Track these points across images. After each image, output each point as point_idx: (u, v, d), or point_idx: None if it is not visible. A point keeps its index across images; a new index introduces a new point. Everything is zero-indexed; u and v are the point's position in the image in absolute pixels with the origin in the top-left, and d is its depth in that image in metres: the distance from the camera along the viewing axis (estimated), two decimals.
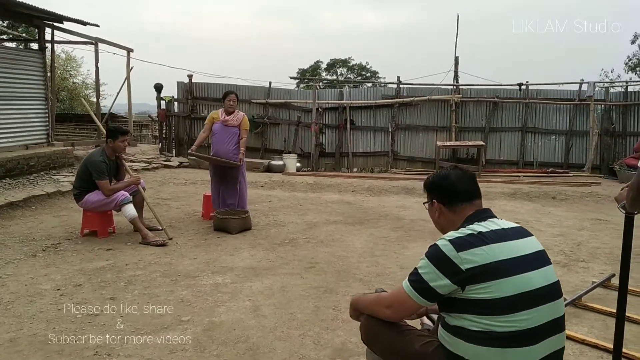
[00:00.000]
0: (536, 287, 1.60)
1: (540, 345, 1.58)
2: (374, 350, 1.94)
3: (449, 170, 1.92)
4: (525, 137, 12.77)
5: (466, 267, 1.57)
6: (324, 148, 13.59)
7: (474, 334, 1.57)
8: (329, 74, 36.25)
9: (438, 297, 1.63)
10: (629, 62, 20.77)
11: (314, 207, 7.34)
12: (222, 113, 5.91)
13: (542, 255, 1.69)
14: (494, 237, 1.65)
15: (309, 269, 4.28)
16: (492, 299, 1.55)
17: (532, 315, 1.56)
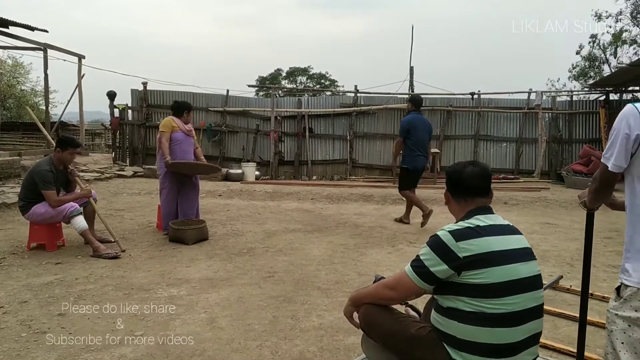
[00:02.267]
0: (523, 277, 1.81)
1: (523, 327, 1.80)
2: (372, 336, 2.11)
3: (466, 165, 2.06)
4: (478, 145, 13.20)
5: (463, 255, 1.78)
6: (283, 156, 13.57)
7: (466, 314, 1.77)
8: (288, 82, 36.29)
9: (437, 281, 1.83)
10: (572, 71, 21.81)
11: (273, 216, 7.30)
12: (180, 122, 5.81)
13: (528, 251, 1.92)
14: (490, 231, 1.86)
15: (267, 278, 4.24)
16: (485, 284, 1.76)
17: (518, 300, 1.78)
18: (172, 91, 13.88)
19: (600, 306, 3.66)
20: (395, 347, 2.01)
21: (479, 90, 13.18)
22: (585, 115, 13.20)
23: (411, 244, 5.70)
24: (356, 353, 2.85)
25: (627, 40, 19.39)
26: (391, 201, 8.96)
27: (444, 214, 7.84)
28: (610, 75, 14.04)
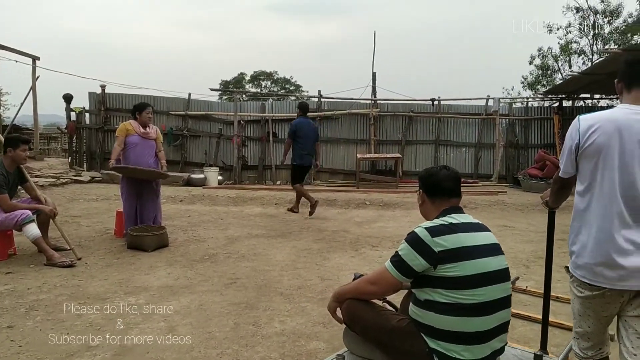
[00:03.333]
0: (492, 270, 1.97)
1: (494, 316, 1.96)
2: (355, 329, 2.23)
3: (440, 169, 2.24)
4: (438, 150, 13.48)
5: (438, 249, 1.92)
6: (247, 161, 13.47)
7: (442, 305, 1.92)
8: (253, 86, 36.08)
9: (414, 274, 1.97)
10: (525, 80, 22.61)
11: (236, 221, 7.23)
12: (137, 125, 5.66)
13: (497, 246, 2.08)
14: (462, 228, 2.01)
15: (229, 285, 4.19)
16: (458, 277, 1.90)
17: (489, 291, 1.93)
18: (131, 94, 13.55)
19: (554, 306, 3.77)
20: (377, 338, 2.13)
21: (439, 97, 13.48)
22: (540, 121, 13.70)
23: (374, 247, 5.76)
24: (318, 358, 2.85)
25: (576, 51, 20.30)
26: (355, 205, 9.03)
27: (406, 217, 7.98)
28: (563, 83, 14.61)
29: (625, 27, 18.60)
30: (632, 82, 1.99)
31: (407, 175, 13.24)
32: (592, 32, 19.95)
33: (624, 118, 1.89)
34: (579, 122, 1.97)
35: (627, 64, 2.06)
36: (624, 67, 2.07)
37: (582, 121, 1.97)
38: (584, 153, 1.94)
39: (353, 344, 2.28)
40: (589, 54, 19.88)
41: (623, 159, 1.87)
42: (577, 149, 1.96)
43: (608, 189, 1.89)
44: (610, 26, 19.92)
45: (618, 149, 1.86)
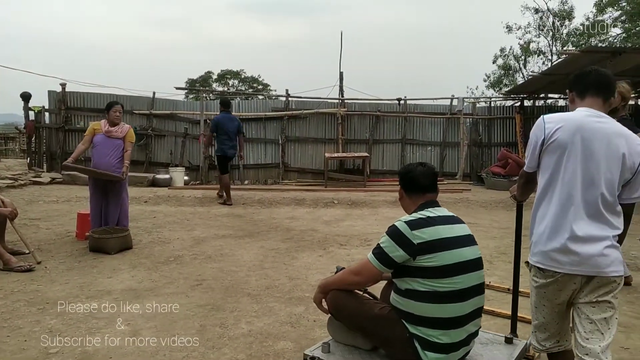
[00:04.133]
0: (468, 259, 2.14)
1: (470, 302, 2.12)
2: (340, 318, 2.37)
3: (417, 166, 2.38)
4: (405, 148, 13.64)
5: (417, 241, 2.07)
6: (214, 160, 13.28)
7: (421, 293, 2.07)
8: (220, 85, 35.64)
9: (395, 265, 2.12)
10: (487, 80, 23.16)
11: (203, 222, 7.13)
12: (104, 124, 5.53)
13: (471, 237, 2.25)
14: (439, 220, 2.17)
15: (195, 286, 4.13)
16: (436, 266, 2.06)
17: (465, 279, 2.10)
18: (93, 93, 13.17)
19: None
20: (361, 326, 2.29)
21: (405, 96, 13.64)
22: (502, 120, 14.04)
23: (342, 246, 5.79)
24: (285, 358, 2.85)
25: (535, 51, 20.94)
26: (323, 204, 9.05)
27: (373, 216, 8.05)
28: (524, 83, 15.05)
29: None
30: (585, 91, 2.19)
31: (375, 174, 13.36)
32: (550, 33, 20.61)
33: (584, 120, 2.08)
34: (544, 121, 2.13)
35: (578, 76, 2.26)
36: (575, 79, 2.27)
37: (546, 120, 2.13)
38: (548, 149, 2.10)
39: (337, 333, 2.42)
40: (548, 54, 20.53)
41: (583, 156, 2.03)
42: (542, 144, 2.11)
43: (568, 182, 2.04)
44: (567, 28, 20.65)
45: (579, 147, 2.03)
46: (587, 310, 2.04)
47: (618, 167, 2.02)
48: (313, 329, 3.26)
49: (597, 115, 2.09)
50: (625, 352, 3.02)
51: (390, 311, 2.21)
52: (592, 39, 19.34)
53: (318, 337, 3.12)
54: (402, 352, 2.15)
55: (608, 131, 2.05)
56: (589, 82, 2.19)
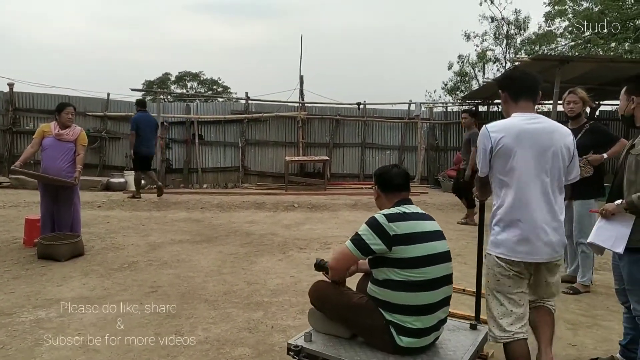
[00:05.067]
0: (438, 252, 2.36)
1: (439, 291, 2.34)
2: (321, 308, 2.56)
3: (392, 167, 2.61)
4: (364, 152, 13.79)
5: (392, 233, 2.27)
6: (171, 164, 13.03)
7: (397, 283, 2.27)
8: (178, 87, 34.93)
9: (370, 252, 2.30)
10: (445, 86, 23.74)
11: (159, 227, 6.96)
12: (55, 126, 5.30)
13: (441, 233, 2.48)
14: (413, 216, 2.38)
15: (150, 293, 4.02)
16: (410, 258, 2.27)
17: (435, 270, 2.32)
18: (44, 94, 12.66)
19: (471, 300, 3.97)
20: (341, 315, 2.46)
21: (364, 101, 13.81)
22: (458, 125, 14.38)
23: (301, 250, 5.77)
24: None
25: (491, 58, 21.63)
26: (283, 208, 9.01)
27: (334, 219, 8.07)
28: (478, 89, 15.49)
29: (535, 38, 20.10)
30: (519, 96, 2.46)
31: (335, 178, 13.44)
32: (505, 41, 21.35)
33: (523, 125, 2.37)
34: (488, 130, 2.40)
35: (510, 79, 2.55)
36: (508, 82, 2.54)
37: (490, 129, 2.40)
38: (497, 154, 2.36)
39: (318, 323, 2.59)
40: (502, 61, 21.23)
41: (530, 156, 2.33)
42: (490, 152, 2.38)
43: (520, 181, 2.33)
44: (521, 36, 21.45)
45: (525, 148, 2.32)
46: (538, 290, 2.47)
47: (559, 158, 2.37)
48: (271, 334, 3.23)
49: (532, 118, 2.40)
50: (572, 349, 3.14)
51: (367, 301, 2.39)
52: (543, 47, 20.16)
53: (277, 342, 3.10)
54: (380, 338, 2.34)
55: (546, 130, 2.38)
56: (522, 87, 2.47)
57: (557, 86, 9.23)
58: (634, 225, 2.45)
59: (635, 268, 2.51)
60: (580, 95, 4.25)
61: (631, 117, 2.65)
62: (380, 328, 2.32)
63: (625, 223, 2.49)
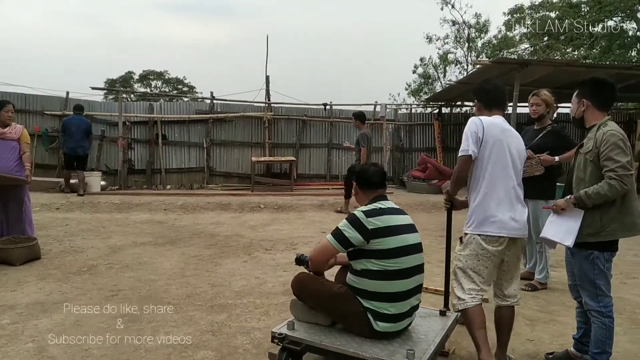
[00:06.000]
0: (411, 243, 2.57)
1: (412, 279, 2.56)
2: (303, 298, 2.74)
3: (370, 166, 2.83)
4: (331, 153, 13.84)
5: (370, 227, 2.47)
6: (134, 164, 12.71)
7: (374, 272, 2.48)
8: (142, 86, 34.19)
9: (350, 245, 2.50)
10: (409, 88, 24.11)
11: (120, 229, 6.79)
12: None
13: (413, 226, 2.69)
14: (388, 211, 2.59)
15: (110, 297, 3.92)
16: (387, 249, 2.47)
17: (409, 260, 2.53)
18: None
19: (434, 298, 4.05)
20: (322, 304, 2.64)
21: (330, 102, 13.84)
22: (422, 126, 14.66)
23: (267, 251, 5.75)
24: None
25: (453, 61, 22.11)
26: (249, 209, 8.95)
27: (300, 220, 8.07)
28: (442, 91, 15.83)
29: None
30: (491, 106, 2.86)
31: (302, 178, 13.42)
32: (466, 45, 21.85)
33: (503, 124, 2.77)
34: (481, 121, 2.72)
35: (484, 91, 2.93)
36: (482, 92, 2.93)
37: (483, 120, 2.73)
38: (485, 142, 2.68)
39: (299, 312, 2.77)
40: (464, 64, 21.74)
41: (510, 150, 2.71)
42: (482, 137, 2.68)
43: (505, 169, 2.69)
44: (482, 40, 22.00)
45: (505, 143, 2.70)
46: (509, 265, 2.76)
47: (523, 158, 2.84)
48: (235, 337, 3.20)
49: (505, 122, 2.80)
50: (530, 344, 3.24)
51: (346, 290, 2.59)
52: (503, 50, 20.74)
53: (240, 345, 3.08)
54: (358, 324, 2.53)
55: (515, 133, 2.85)
56: (494, 99, 2.88)
57: (516, 89, 9.53)
58: (584, 220, 2.61)
59: (585, 264, 2.65)
60: (542, 97, 4.38)
61: (582, 119, 2.81)
62: (358, 314, 2.51)
63: (574, 218, 2.65)
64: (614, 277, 4.40)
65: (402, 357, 2.32)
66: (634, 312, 3.89)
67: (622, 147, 2.53)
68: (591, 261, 2.63)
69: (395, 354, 2.37)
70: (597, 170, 2.59)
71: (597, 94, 2.75)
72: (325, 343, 2.49)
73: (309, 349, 2.56)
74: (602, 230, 2.58)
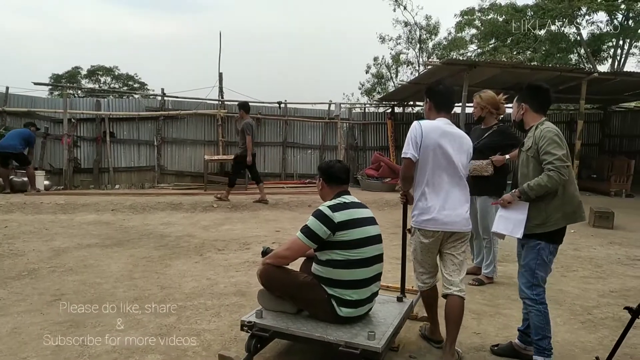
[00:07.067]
0: (372, 235, 2.81)
1: (373, 268, 2.79)
2: (271, 288, 2.89)
3: (335, 162, 3.02)
4: (286, 151, 13.80)
5: (337, 220, 2.68)
6: (80, 163, 12.21)
7: (338, 262, 2.69)
8: (90, 81, 32.84)
9: (319, 240, 2.69)
10: (362, 87, 24.36)
11: (64, 231, 6.50)
12: None
13: (374, 219, 2.91)
14: (352, 205, 2.81)
15: (52, 302, 3.74)
16: (350, 240, 2.69)
17: (370, 250, 2.76)
18: None
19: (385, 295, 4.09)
20: (288, 292, 2.83)
21: (285, 100, 13.81)
22: (375, 125, 14.87)
23: (220, 251, 5.66)
24: None
25: (405, 61, 22.52)
26: (202, 208, 8.78)
27: (254, 219, 7.99)
28: (394, 91, 16.07)
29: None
30: (440, 108, 3.03)
31: None
32: (418, 45, 22.31)
33: (445, 127, 2.94)
34: (420, 125, 2.90)
35: (435, 92, 3.06)
36: (433, 93, 3.06)
37: (422, 125, 2.90)
38: (423, 145, 2.86)
39: (267, 302, 2.92)
40: (416, 65, 22.18)
41: (448, 151, 2.87)
42: (420, 141, 2.86)
43: (441, 170, 2.87)
44: (433, 41, 22.52)
45: (443, 145, 2.87)
46: (450, 256, 2.93)
47: (465, 157, 2.98)
48: (184, 339, 3.13)
49: (450, 124, 3.00)
50: (476, 337, 3.34)
51: (312, 279, 2.78)
52: (453, 52, 21.32)
53: (189, 348, 3.01)
54: (323, 310, 2.73)
55: (459, 134, 3.01)
56: (445, 101, 3.06)
57: (465, 89, 9.82)
58: (531, 212, 2.81)
59: (531, 254, 2.84)
60: (475, 100, 4.56)
61: (521, 122, 3.03)
62: (323, 301, 2.71)
63: (520, 210, 2.85)
64: (556, 270, 4.64)
65: (364, 338, 2.55)
66: (573, 304, 4.09)
67: (557, 141, 2.74)
68: (537, 251, 2.81)
69: (357, 336, 2.59)
70: (538, 165, 2.79)
71: (534, 97, 2.97)
72: (292, 329, 2.68)
73: (276, 335, 2.75)
74: (547, 220, 2.77)
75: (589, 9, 17.96)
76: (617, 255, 5.95)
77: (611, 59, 19.36)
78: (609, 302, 4.13)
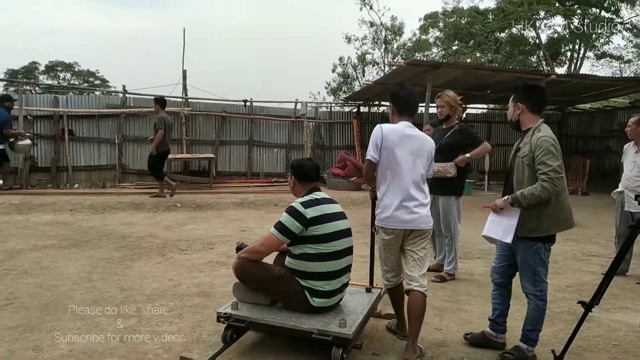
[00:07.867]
0: (342, 229, 2.98)
1: (343, 260, 2.96)
2: (246, 281, 3.01)
3: (306, 161, 3.20)
4: (251, 150, 13.68)
5: (309, 216, 2.83)
6: (36, 162, 11.75)
7: (310, 255, 2.84)
8: (48, 77, 31.69)
9: (293, 235, 2.84)
10: (329, 87, 24.42)
11: (19, 232, 6.25)
12: None
13: (344, 214, 3.08)
14: (322, 201, 2.96)
15: (4, 307, 3.59)
16: (322, 234, 2.85)
17: (340, 243, 2.93)
18: None
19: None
20: (263, 285, 2.96)
21: (251, 98, 13.68)
22: (342, 124, 14.93)
23: (182, 251, 5.56)
24: None
25: (370, 61, 22.72)
26: (164, 208, 8.61)
27: (219, 218, 7.89)
28: (360, 90, 16.20)
29: None
30: (402, 112, 3.13)
31: (222, 176, 13.12)
32: (383, 46, 22.54)
33: (405, 130, 3.05)
34: (381, 129, 3.01)
35: (399, 97, 3.15)
36: (398, 98, 3.15)
37: (383, 128, 3.02)
38: (384, 147, 2.96)
39: (242, 294, 3.04)
40: (381, 65, 22.40)
41: (407, 153, 2.98)
42: (381, 143, 2.96)
43: (400, 171, 2.96)
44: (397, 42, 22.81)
45: (404, 147, 2.98)
46: (411, 253, 3.00)
47: (425, 158, 3.08)
48: (145, 342, 3.05)
49: (411, 127, 3.11)
50: (438, 333, 3.40)
51: (285, 272, 2.92)
52: (417, 53, 21.66)
53: (150, 350, 2.95)
54: (296, 301, 2.87)
55: (419, 137, 3.12)
56: (408, 106, 3.15)
57: (428, 90, 9.97)
58: (524, 218, 2.86)
59: (529, 253, 2.92)
60: (444, 99, 4.63)
61: (518, 122, 3.04)
62: (296, 292, 2.85)
63: (512, 216, 2.90)
64: None
65: (336, 326, 2.71)
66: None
67: (553, 152, 2.77)
68: (534, 251, 2.90)
69: (329, 325, 2.75)
70: (533, 172, 2.83)
71: (530, 98, 2.99)
72: (267, 319, 2.83)
73: (252, 326, 2.88)
74: (539, 227, 2.85)
75: (547, 13, 18.59)
76: (573, 252, 6.16)
77: (568, 62, 20.10)
78: (564, 297, 4.28)
